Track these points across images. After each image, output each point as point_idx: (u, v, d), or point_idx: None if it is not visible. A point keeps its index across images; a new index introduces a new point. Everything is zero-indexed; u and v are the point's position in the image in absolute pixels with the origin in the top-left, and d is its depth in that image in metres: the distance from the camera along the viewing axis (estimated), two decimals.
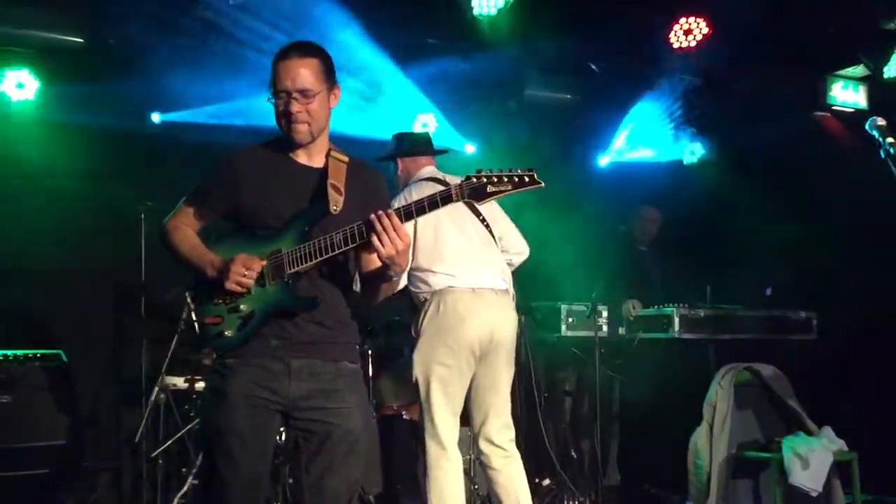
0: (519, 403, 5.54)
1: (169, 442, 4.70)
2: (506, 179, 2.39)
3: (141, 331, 4.90)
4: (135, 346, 4.96)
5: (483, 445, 3.88)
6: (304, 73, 2.52)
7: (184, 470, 4.72)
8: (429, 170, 4.09)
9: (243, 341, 2.52)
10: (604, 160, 6.73)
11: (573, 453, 5.42)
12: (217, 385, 2.55)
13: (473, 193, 2.38)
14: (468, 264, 3.87)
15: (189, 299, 4.54)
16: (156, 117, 5.46)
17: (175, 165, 5.00)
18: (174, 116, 5.47)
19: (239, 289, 2.49)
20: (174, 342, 4.62)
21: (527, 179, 2.40)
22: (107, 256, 5.15)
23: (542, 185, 2.41)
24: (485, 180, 2.39)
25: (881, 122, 3.24)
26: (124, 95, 5.23)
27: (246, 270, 2.47)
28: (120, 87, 5.14)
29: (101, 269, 5.18)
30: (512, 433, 3.89)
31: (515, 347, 4.21)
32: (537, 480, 5.33)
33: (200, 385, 4.70)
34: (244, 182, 2.59)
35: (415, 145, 4.20)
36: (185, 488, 4.52)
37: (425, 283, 3.86)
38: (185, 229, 2.66)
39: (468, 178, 2.40)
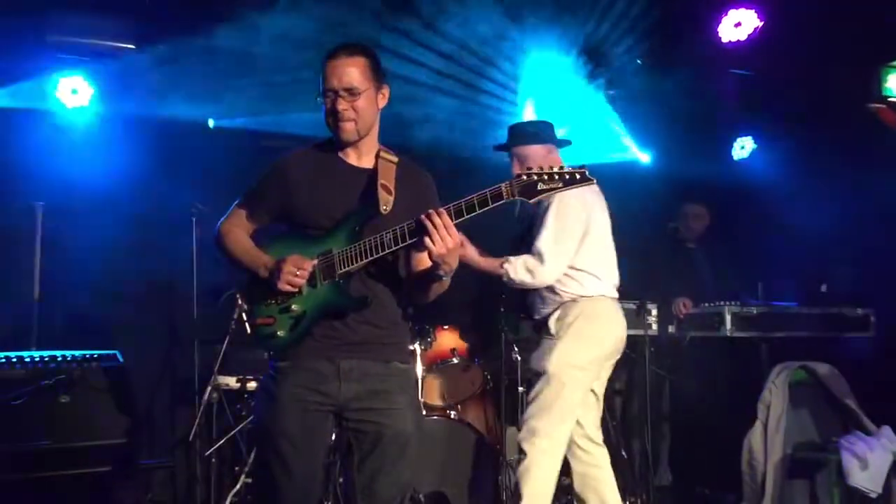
0: None
1: (222, 441, 4.78)
2: (557, 177, 2.38)
3: (193, 331, 4.97)
4: (187, 346, 5.03)
5: (585, 444, 4.01)
6: (351, 71, 2.55)
7: (236, 468, 4.79)
8: None
9: (296, 341, 2.55)
10: (644, 157, 6.66)
11: (623, 453, 5.36)
12: (269, 387, 2.59)
13: (524, 191, 2.38)
14: (612, 268, 4.00)
15: (240, 299, 4.63)
16: (210, 122, 5.55)
17: (227, 169, 5.07)
18: (228, 122, 5.55)
19: (291, 288, 2.51)
20: (225, 342, 4.69)
21: (578, 177, 2.39)
22: (161, 259, 5.23)
23: (594, 181, 2.40)
24: (535, 178, 2.38)
25: None
26: (176, 101, 5.31)
27: (297, 270, 2.50)
28: (172, 93, 5.23)
29: (155, 271, 5.27)
30: None
31: None
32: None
33: (252, 384, 4.77)
34: (295, 183, 2.62)
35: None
36: (238, 486, 4.59)
37: (577, 282, 3.90)
38: (238, 232, 2.70)
39: (518, 176, 2.39)
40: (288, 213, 2.64)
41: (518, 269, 3.87)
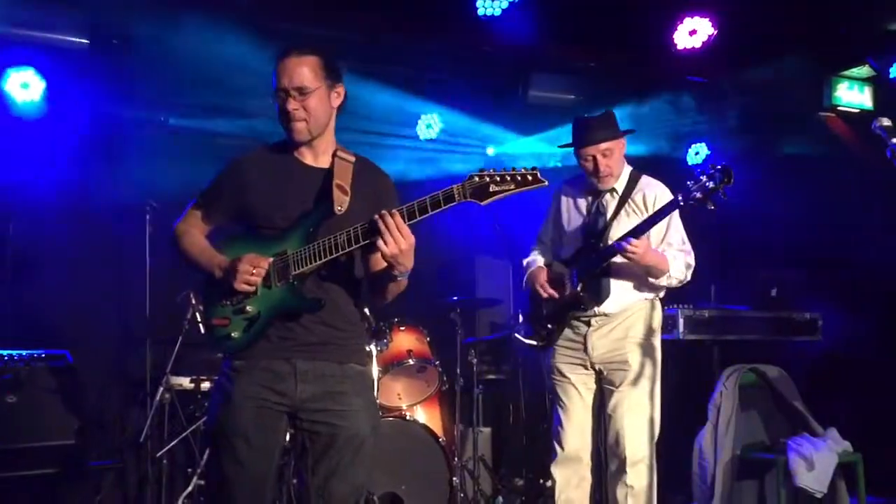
0: (523, 405, 5.57)
1: (174, 442, 4.72)
2: (508, 178, 2.38)
3: (146, 331, 4.91)
4: (140, 346, 4.97)
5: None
6: (301, 70, 2.53)
7: (189, 470, 4.74)
8: None
9: (250, 343, 2.53)
10: None
11: None
12: (224, 386, 2.57)
13: (476, 193, 2.37)
14: None
15: (193, 299, 4.59)
16: (167, 119, 5.46)
17: (182, 166, 5.01)
18: (184, 120, 5.48)
19: (247, 288, 2.50)
20: (178, 342, 4.64)
21: (530, 178, 2.38)
22: (113, 257, 5.16)
23: (546, 183, 2.40)
24: (487, 179, 2.37)
25: (887, 122, 3.23)
26: (130, 97, 5.24)
27: (253, 269, 2.48)
28: (126, 89, 5.16)
29: (107, 269, 5.19)
30: None
31: (521, 349, 4.29)
32: (541, 481, 5.33)
33: (206, 385, 4.72)
34: (250, 183, 2.60)
35: None
36: (190, 488, 4.54)
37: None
38: (194, 232, 2.68)
39: (471, 177, 2.39)
40: (243, 214, 2.63)
41: (682, 267, 3.80)
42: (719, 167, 3.45)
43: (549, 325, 3.87)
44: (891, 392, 5.37)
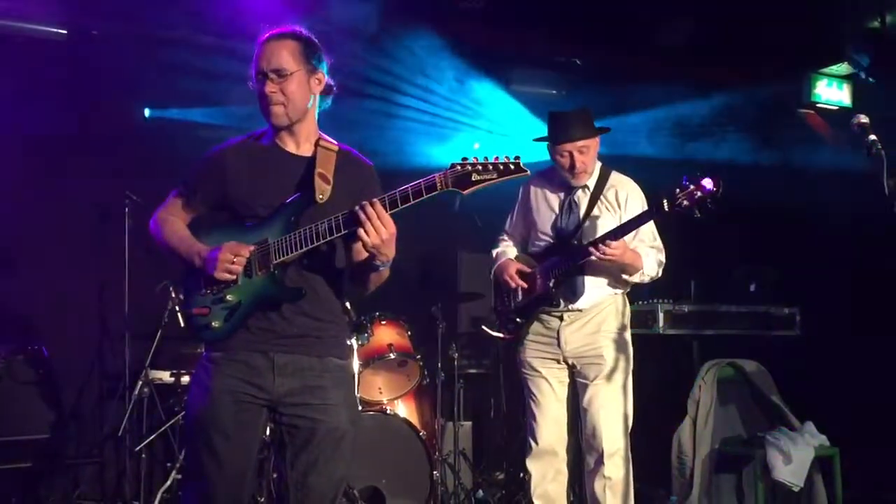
0: (503, 400, 5.58)
1: (152, 436, 4.70)
2: (491, 167, 2.37)
3: (124, 325, 4.87)
4: (118, 340, 4.93)
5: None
6: (280, 53, 2.52)
7: (168, 464, 4.72)
8: None
9: (230, 332, 2.51)
10: None
11: None
12: (202, 380, 2.55)
13: (458, 182, 2.36)
14: None
15: (173, 292, 4.55)
16: (145, 112, 5.42)
17: (162, 160, 4.97)
18: (164, 112, 5.43)
19: (228, 276, 2.48)
20: (157, 336, 4.61)
21: (512, 167, 2.38)
22: (91, 251, 5.11)
23: (528, 172, 2.40)
24: (469, 168, 2.36)
25: (864, 119, 3.27)
26: (111, 89, 5.19)
27: (234, 258, 2.46)
28: (106, 81, 5.10)
29: (86, 263, 5.14)
30: None
31: (502, 344, 4.28)
32: (521, 475, 5.34)
33: (186, 379, 4.70)
34: (232, 172, 2.58)
35: None
36: (169, 482, 4.52)
37: None
38: (175, 221, 2.66)
39: (453, 165, 2.38)
40: (225, 203, 2.61)
41: (654, 264, 3.82)
42: (708, 177, 3.47)
43: (518, 319, 3.88)
44: (867, 386, 5.44)
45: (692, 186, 3.47)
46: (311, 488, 2.52)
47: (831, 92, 5.74)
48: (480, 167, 2.36)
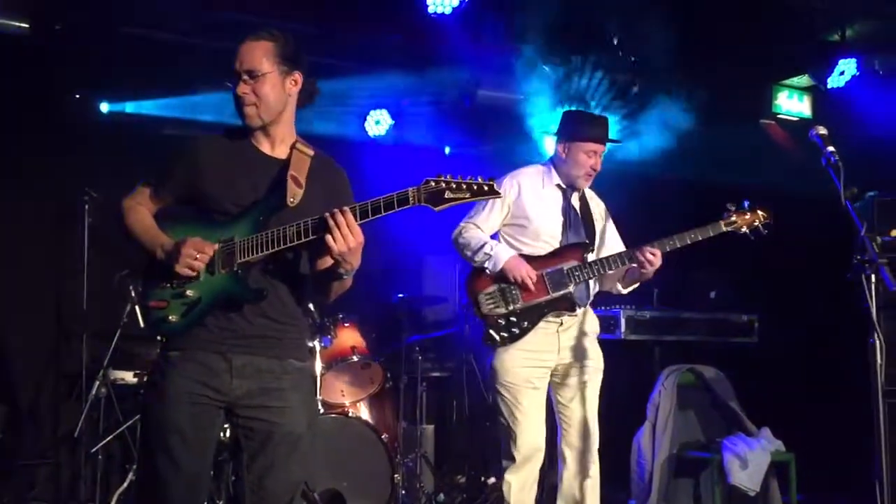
0: (466, 402, 5.59)
1: (109, 437, 4.63)
2: (464, 187, 2.36)
3: (82, 324, 4.80)
4: (76, 339, 4.86)
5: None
6: (254, 54, 2.51)
7: (127, 466, 4.65)
8: None
9: (187, 328, 2.49)
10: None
11: None
12: (158, 379, 2.51)
13: (431, 198, 2.35)
14: None
15: (132, 290, 4.48)
16: (104, 107, 5.35)
17: (122, 156, 4.91)
18: (123, 107, 5.36)
19: (188, 272, 2.45)
20: (116, 336, 4.55)
21: (486, 188, 2.37)
22: (49, 248, 5.03)
23: (500, 194, 2.42)
24: (443, 185, 2.35)
25: (823, 131, 3.34)
26: (71, 84, 5.11)
27: (197, 254, 2.44)
28: (66, 75, 5.03)
29: (43, 260, 5.06)
30: None
31: (465, 347, 4.24)
32: (483, 478, 5.36)
33: None
34: (204, 166, 2.55)
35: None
36: (126, 484, 4.46)
37: None
38: (141, 210, 2.62)
39: (427, 181, 2.37)
40: (194, 196, 2.58)
41: None
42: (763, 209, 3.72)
43: (525, 324, 3.68)
44: (820, 393, 5.54)
45: (749, 214, 3.71)
46: (267, 491, 2.50)
47: (792, 103, 5.83)
48: (454, 185, 2.35)
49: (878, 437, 3.07)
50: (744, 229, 3.72)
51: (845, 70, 5.34)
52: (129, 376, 4.74)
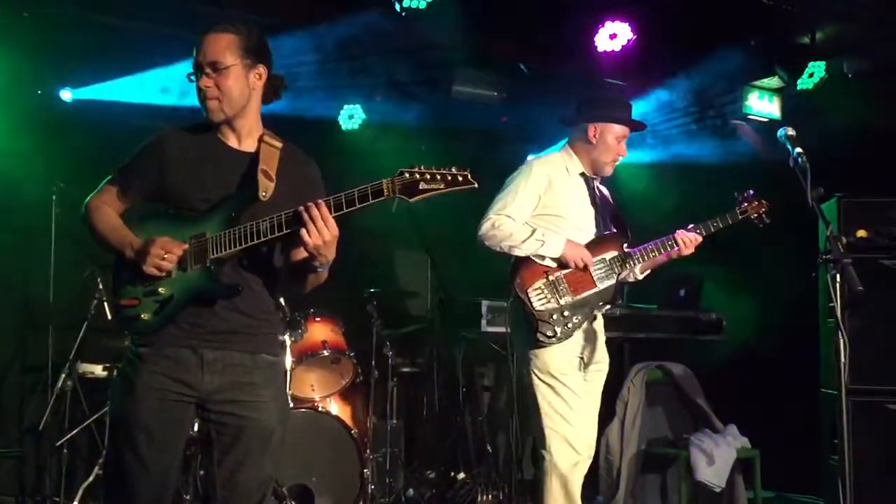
0: (436, 398, 5.59)
1: (74, 431, 4.58)
2: (439, 178, 2.34)
3: (49, 316, 4.74)
4: (42, 331, 4.79)
5: None
6: (216, 46, 2.47)
7: (93, 459, 4.60)
8: None
9: (160, 325, 2.46)
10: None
11: (489, 447, 5.48)
12: (127, 374, 2.48)
13: (405, 189, 2.33)
14: None
15: (100, 281, 4.43)
16: (66, 94, 5.25)
17: (91, 145, 4.84)
18: (87, 93, 5.27)
19: (156, 272, 2.42)
20: (83, 328, 4.49)
21: (460, 179, 2.35)
22: (15, 239, 4.95)
23: (476, 185, 2.37)
24: (417, 177, 2.33)
25: (791, 132, 3.38)
26: (33, 70, 5.03)
27: (165, 254, 2.41)
28: (29, 62, 4.95)
29: (9, 251, 4.98)
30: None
31: (436, 343, 4.20)
32: (452, 474, 5.38)
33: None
34: (171, 161, 2.52)
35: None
36: (91, 478, 4.40)
37: None
38: (107, 209, 2.58)
39: (401, 172, 2.35)
40: (162, 193, 2.54)
41: None
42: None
43: (577, 318, 3.53)
44: (785, 392, 5.62)
45: (756, 202, 3.78)
46: (238, 486, 2.48)
47: (762, 104, 5.90)
48: (428, 176, 2.33)
49: (842, 435, 3.12)
50: (754, 216, 3.79)
51: (814, 72, 5.41)
52: (97, 369, 4.69)
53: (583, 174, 3.72)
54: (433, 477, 5.49)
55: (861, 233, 4.56)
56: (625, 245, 3.68)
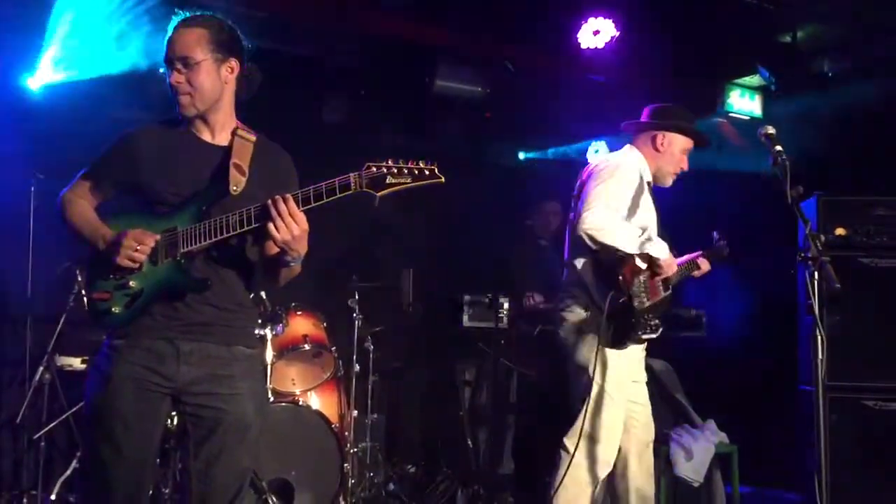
0: (418, 393, 5.61)
1: (52, 424, 4.54)
2: (406, 171, 2.35)
3: (26, 308, 4.69)
4: (20, 324, 4.75)
5: None
6: (187, 41, 2.48)
7: (71, 453, 4.57)
8: None
9: (131, 318, 2.46)
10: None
11: (469, 442, 5.49)
12: (102, 366, 2.48)
13: (371, 183, 2.34)
14: None
15: (78, 273, 4.40)
16: (32, 83, 5.16)
17: (67, 133, 4.79)
18: (63, 85, 5.20)
19: (130, 264, 2.43)
20: (62, 321, 4.46)
21: (427, 173, 2.36)
22: None
23: (442, 179, 2.38)
24: (384, 171, 2.34)
25: (771, 130, 3.41)
26: (18, 62, 4.98)
27: (138, 246, 2.41)
28: (15, 55, 4.90)
29: None
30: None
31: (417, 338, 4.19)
32: (433, 468, 5.38)
33: None
34: (144, 157, 2.52)
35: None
36: (69, 472, 4.38)
37: None
38: (81, 203, 2.59)
39: (368, 167, 2.35)
40: (135, 187, 2.55)
41: None
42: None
43: (654, 322, 3.54)
44: (764, 388, 5.66)
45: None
46: (215, 479, 2.49)
47: (743, 102, 5.93)
48: (395, 170, 2.34)
49: (818, 431, 3.15)
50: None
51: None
52: (76, 362, 4.65)
53: (648, 181, 3.73)
54: (414, 471, 5.50)
55: (840, 231, 4.59)
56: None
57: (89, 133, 3.24)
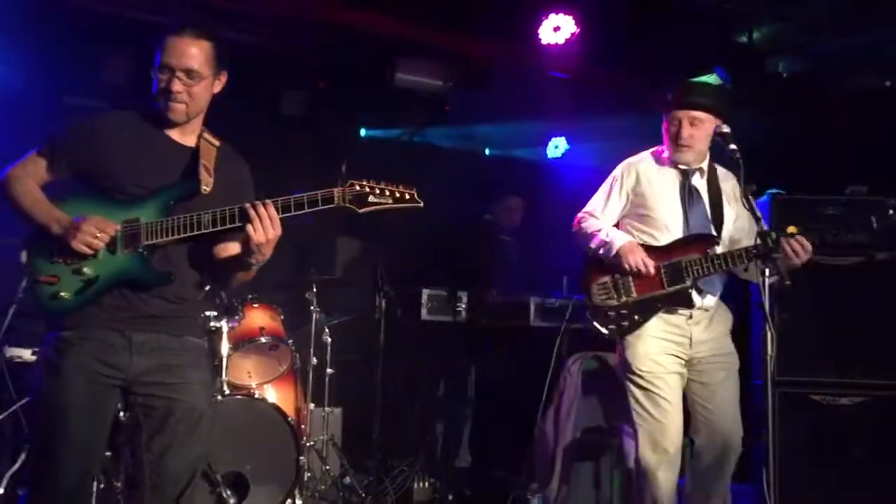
0: (377, 386, 5.59)
1: (1, 416, 4.45)
2: (388, 193, 2.48)
3: None
4: None
5: None
6: (194, 53, 2.50)
7: (18, 448, 4.49)
8: None
9: (79, 306, 2.45)
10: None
11: (427, 435, 5.50)
12: (50, 359, 2.46)
13: (355, 200, 2.45)
14: None
15: (24, 259, 4.30)
16: None
17: (27, 123, 4.68)
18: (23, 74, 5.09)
19: (85, 250, 2.42)
20: (11, 312, 4.37)
21: (407, 197, 2.50)
22: None
23: (421, 205, 2.52)
24: (368, 190, 2.46)
25: (725, 129, 3.46)
26: None
27: (98, 233, 2.41)
28: None
29: None
30: None
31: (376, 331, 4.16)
32: (390, 461, 5.37)
33: None
34: (105, 142, 2.52)
35: None
36: (17, 466, 4.29)
37: None
38: (29, 181, 2.56)
39: (352, 184, 2.46)
40: (93, 173, 2.54)
41: None
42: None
43: (637, 317, 3.57)
44: None
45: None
46: (167, 470, 2.51)
47: None
48: (378, 191, 2.47)
49: (768, 425, 3.22)
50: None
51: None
52: (26, 354, 4.56)
53: (678, 168, 3.66)
54: (370, 464, 5.49)
55: (791, 229, 4.65)
56: (713, 248, 3.56)
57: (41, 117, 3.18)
